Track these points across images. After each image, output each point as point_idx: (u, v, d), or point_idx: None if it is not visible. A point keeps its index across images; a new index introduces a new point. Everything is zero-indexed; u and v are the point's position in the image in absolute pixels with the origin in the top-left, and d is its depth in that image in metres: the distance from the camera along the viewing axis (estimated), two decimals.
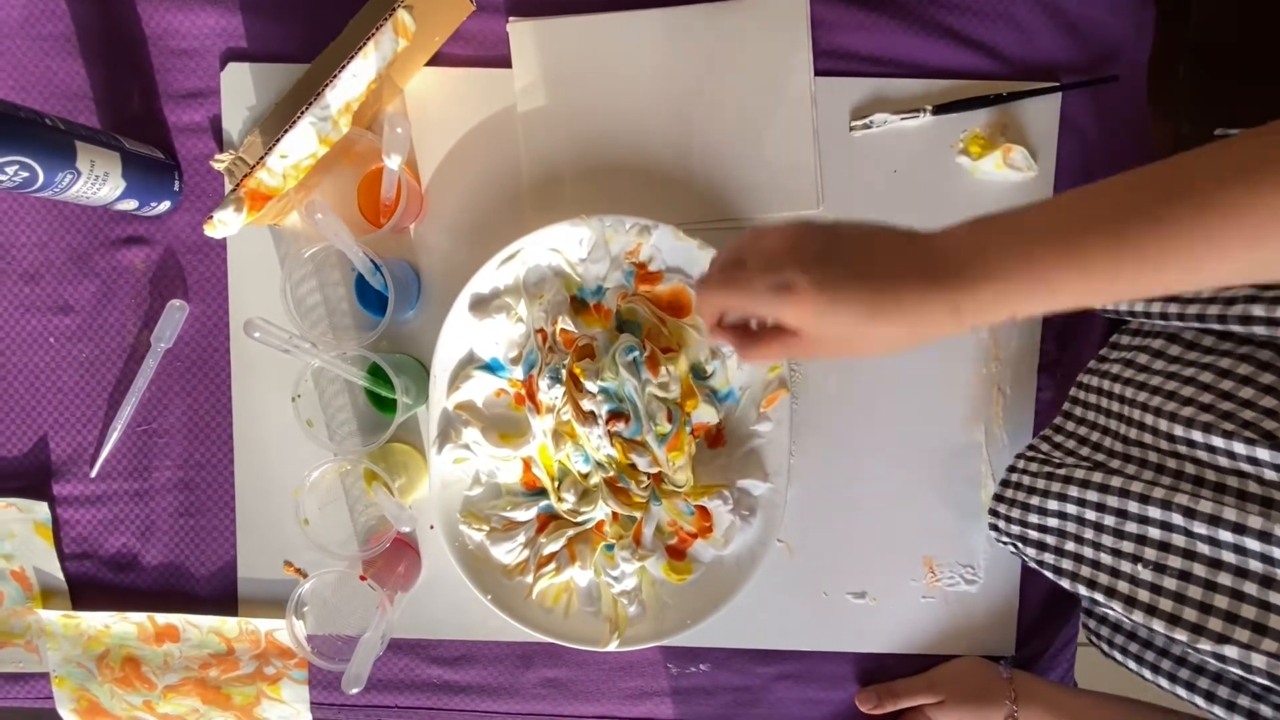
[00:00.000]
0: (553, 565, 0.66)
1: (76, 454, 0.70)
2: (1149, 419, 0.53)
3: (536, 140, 0.68)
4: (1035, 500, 0.60)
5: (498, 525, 0.67)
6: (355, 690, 0.59)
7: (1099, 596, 0.55)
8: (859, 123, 0.67)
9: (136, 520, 0.71)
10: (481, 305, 0.66)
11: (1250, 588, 0.46)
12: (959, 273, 0.40)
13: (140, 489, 0.71)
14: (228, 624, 0.70)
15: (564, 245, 0.66)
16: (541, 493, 0.68)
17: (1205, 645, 0.47)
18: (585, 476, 0.66)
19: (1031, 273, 0.39)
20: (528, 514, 0.67)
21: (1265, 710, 0.49)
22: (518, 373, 0.67)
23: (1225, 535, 0.47)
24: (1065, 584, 0.58)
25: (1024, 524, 0.61)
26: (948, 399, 0.70)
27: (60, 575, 0.71)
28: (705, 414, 0.66)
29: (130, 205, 0.64)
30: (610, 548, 0.67)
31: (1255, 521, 0.45)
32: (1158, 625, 0.50)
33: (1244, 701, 0.50)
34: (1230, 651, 0.46)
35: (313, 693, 0.72)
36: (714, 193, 0.68)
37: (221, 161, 0.67)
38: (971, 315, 0.41)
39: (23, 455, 0.70)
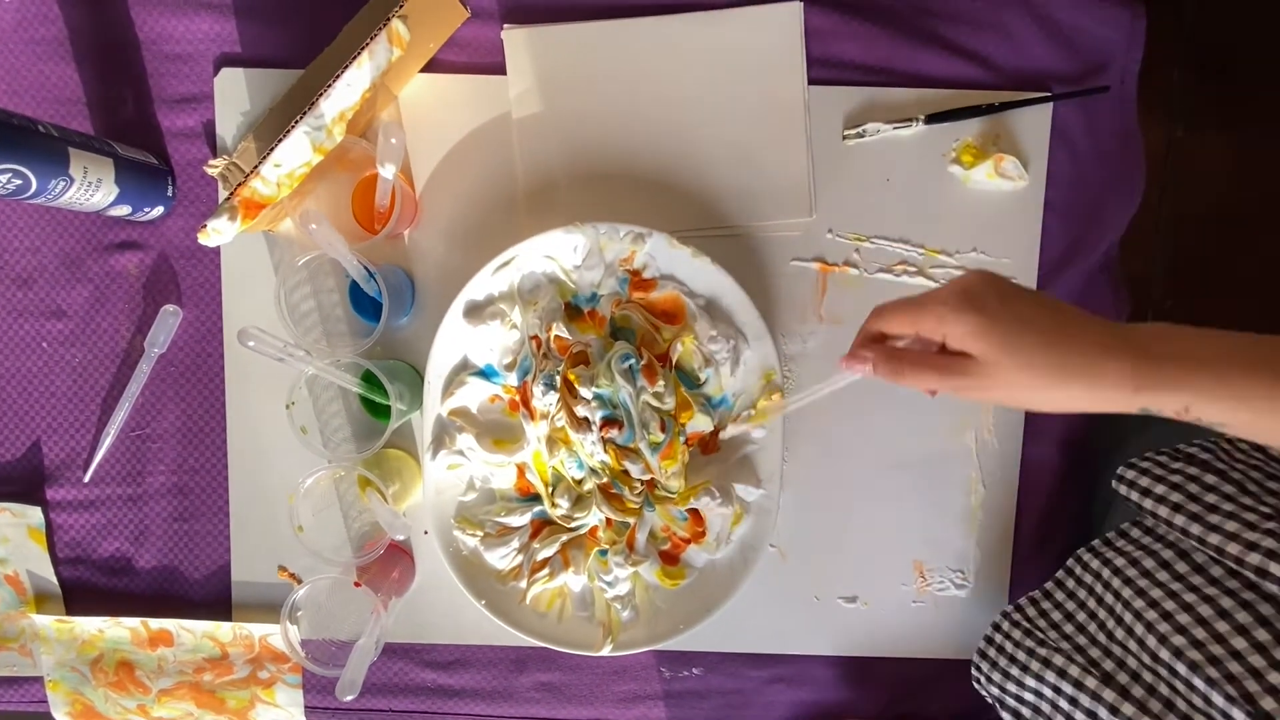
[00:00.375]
0: (546, 570, 0.67)
1: (70, 459, 0.70)
2: (1138, 628, 0.54)
3: (531, 147, 0.68)
4: (1015, 670, 0.61)
5: (492, 531, 0.67)
6: (349, 697, 0.60)
7: None
8: (852, 132, 0.68)
9: (130, 525, 0.71)
10: (476, 312, 0.66)
11: None
12: (1146, 349, 0.41)
13: (134, 494, 0.71)
14: (221, 629, 0.70)
15: (559, 252, 0.66)
16: (535, 498, 0.68)
17: None
18: (579, 482, 0.67)
19: (1220, 371, 0.40)
20: (522, 519, 0.68)
21: None
22: (512, 379, 0.67)
23: None
24: None
25: (1002, 689, 0.63)
26: (938, 406, 0.70)
27: (54, 580, 0.71)
28: (699, 423, 0.66)
29: (123, 211, 0.64)
30: (604, 553, 0.67)
31: None
32: None
33: None
34: None
35: (307, 696, 0.72)
36: (707, 201, 0.69)
37: (215, 167, 0.67)
38: (1149, 390, 0.41)
39: (16, 460, 0.70)
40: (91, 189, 0.60)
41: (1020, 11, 0.67)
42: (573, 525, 0.67)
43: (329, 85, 0.57)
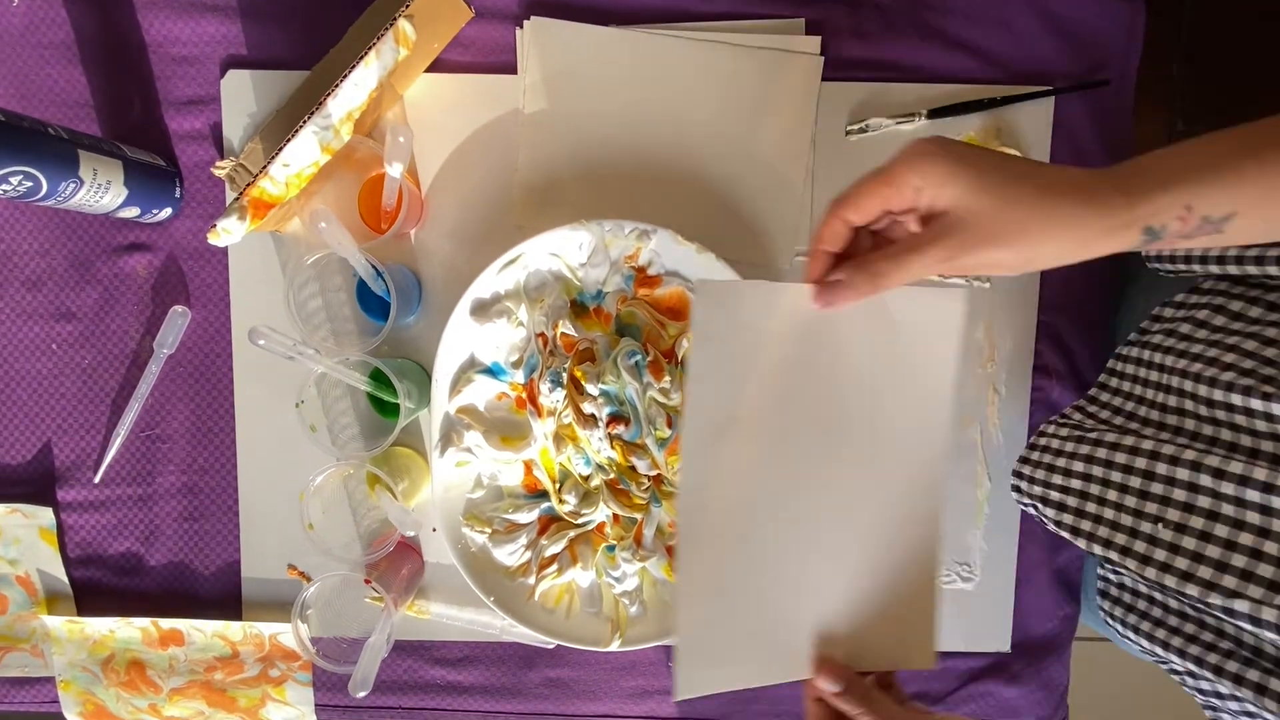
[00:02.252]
0: (554, 567, 0.67)
1: (80, 460, 0.71)
2: (1188, 384, 0.53)
3: (537, 144, 0.69)
4: (1061, 461, 0.60)
5: (500, 527, 0.67)
6: (363, 693, 0.60)
7: (1113, 555, 0.55)
8: (855, 126, 0.68)
9: (140, 525, 0.71)
10: (482, 310, 0.66)
11: (1270, 547, 0.46)
12: (1125, 169, 0.41)
13: (144, 494, 0.71)
14: (232, 628, 0.71)
15: (564, 250, 0.66)
16: (543, 495, 0.68)
17: (1216, 600, 0.48)
18: (586, 479, 0.67)
19: (1212, 159, 0.40)
20: (529, 516, 0.68)
21: (1275, 684, 0.49)
22: (519, 376, 0.68)
23: (1252, 495, 0.47)
24: (1081, 543, 0.58)
25: (1046, 484, 0.61)
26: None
27: (65, 580, 0.72)
28: None
29: (132, 213, 0.65)
30: (611, 549, 0.68)
31: None
32: (1170, 581, 0.50)
33: (1253, 675, 0.51)
34: (1241, 606, 0.47)
35: (317, 694, 0.73)
36: (712, 196, 0.69)
37: (222, 168, 0.67)
38: (1144, 199, 0.39)
39: (27, 461, 0.71)
40: (101, 191, 0.60)
41: (1022, 6, 0.67)
42: (580, 521, 0.67)
43: (337, 85, 0.57)
